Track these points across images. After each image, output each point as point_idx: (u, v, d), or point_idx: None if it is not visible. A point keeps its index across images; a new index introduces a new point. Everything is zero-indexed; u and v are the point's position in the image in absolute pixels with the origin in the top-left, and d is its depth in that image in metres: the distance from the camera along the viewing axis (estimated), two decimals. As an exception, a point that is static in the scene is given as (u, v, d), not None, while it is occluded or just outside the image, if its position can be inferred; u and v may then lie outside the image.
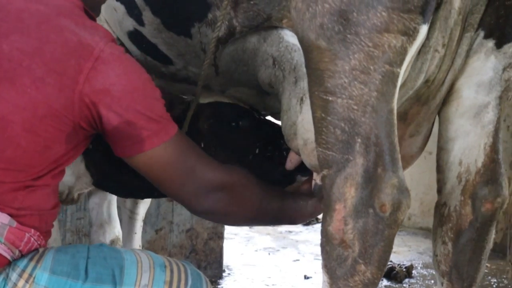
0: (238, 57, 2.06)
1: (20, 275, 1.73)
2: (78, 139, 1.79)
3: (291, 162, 2.12)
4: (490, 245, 2.02)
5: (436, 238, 2.02)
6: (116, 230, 3.11)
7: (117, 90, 1.72)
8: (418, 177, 5.80)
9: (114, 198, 3.09)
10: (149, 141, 1.76)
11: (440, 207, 2.03)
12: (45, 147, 1.73)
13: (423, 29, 1.69)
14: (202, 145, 2.16)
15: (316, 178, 2.02)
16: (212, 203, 1.85)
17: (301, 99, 1.91)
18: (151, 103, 1.77)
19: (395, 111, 1.69)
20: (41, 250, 1.79)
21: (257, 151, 2.20)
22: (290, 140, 1.99)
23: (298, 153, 2.00)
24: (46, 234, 1.83)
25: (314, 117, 1.74)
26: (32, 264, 1.75)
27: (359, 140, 1.67)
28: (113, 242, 3.07)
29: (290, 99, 1.95)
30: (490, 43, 1.94)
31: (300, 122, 1.91)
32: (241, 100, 2.27)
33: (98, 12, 1.98)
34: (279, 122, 2.17)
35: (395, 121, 1.69)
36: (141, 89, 1.76)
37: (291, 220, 2.06)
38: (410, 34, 1.66)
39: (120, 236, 3.13)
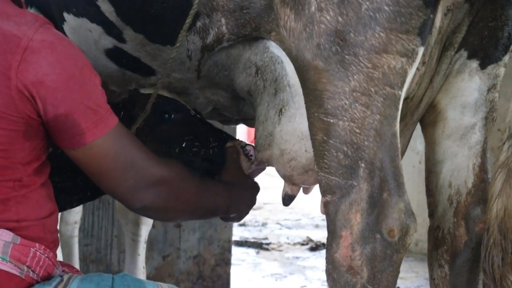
0: (221, 62, 2.03)
1: None
2: (39, 132, 1.68)
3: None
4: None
5: (432, 262, 2.01)
6: None
7: (51, 80, 1.61)
8: (424, 202, 5.80)
9: None
10: (89, 134, 1.66)
11: (433, 231, 2.02)
12: (5, 151, 1.63)
13: (421, 51, 1.67)
14: (134, 132, 2.10)
15: (288, 189, 2.02)
16: (151, 198, 1.77)
17: (280, 111, 1.90)
18: (88, 91, 1.67)
19: (398, 135, 1.67)
20: (65, 278, 1.73)
21: (184, 145, 2.16)
22: (262, 151, 1.98)
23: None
24: (53, 245, 1.75)
25: (314, 140, 1.70)
26: None
27: (362, 165, 1.64)
28: None
29: (268, 110, 1.93)
30: (474, 64, 1.95)
31: (278, 133, 1.90)
32: (217, 103, 2.24)
33: None
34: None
35: (399, 145, 1.67)
36: (77, 76, 1.65)
37: (228, 210, 2.00)
38: (410, 56, 1.64)
39: None
